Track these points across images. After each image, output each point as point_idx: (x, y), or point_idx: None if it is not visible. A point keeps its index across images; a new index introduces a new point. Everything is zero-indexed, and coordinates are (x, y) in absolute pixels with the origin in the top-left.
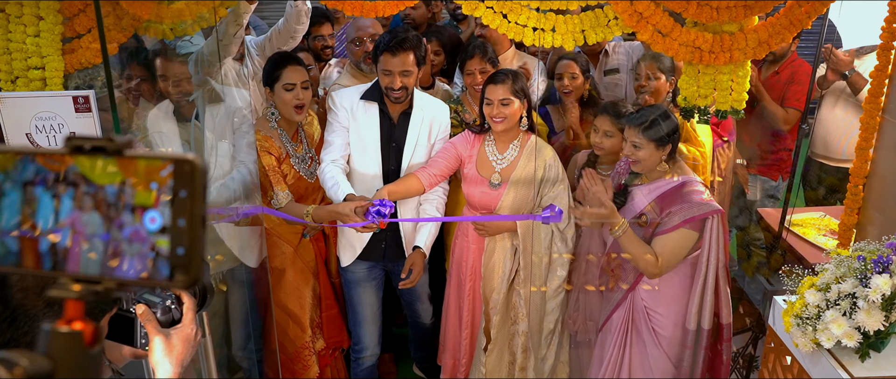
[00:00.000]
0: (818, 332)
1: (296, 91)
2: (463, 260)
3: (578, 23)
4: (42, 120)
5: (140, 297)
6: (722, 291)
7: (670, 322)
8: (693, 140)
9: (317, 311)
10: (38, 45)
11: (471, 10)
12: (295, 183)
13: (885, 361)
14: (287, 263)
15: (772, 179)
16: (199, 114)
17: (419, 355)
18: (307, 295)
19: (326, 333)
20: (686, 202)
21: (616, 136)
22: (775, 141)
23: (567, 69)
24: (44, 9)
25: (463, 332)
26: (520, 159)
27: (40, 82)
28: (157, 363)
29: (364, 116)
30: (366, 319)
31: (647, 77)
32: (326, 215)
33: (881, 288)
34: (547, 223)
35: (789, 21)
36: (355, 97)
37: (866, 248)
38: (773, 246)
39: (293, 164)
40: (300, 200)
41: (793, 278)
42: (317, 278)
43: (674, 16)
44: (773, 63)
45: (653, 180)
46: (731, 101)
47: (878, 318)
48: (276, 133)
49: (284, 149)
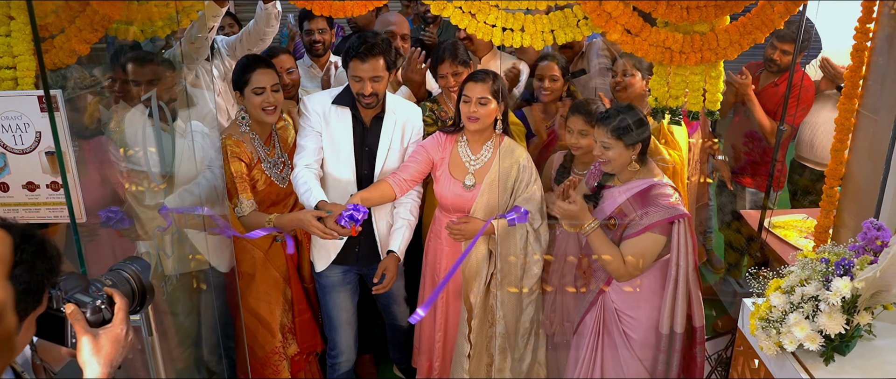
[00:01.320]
0: (782, 335)
1: (266, 94)
2: (437, 262)
3: (547, 23)
4: (8, 119)
5: (71, 296)
6: (693, 294)
7: (642, 325)
8: (670, 142)
9: (288, 315)
10: (9, 45)
11: (439, 10)
12: (267, 189)
13: (848, 365)
14: (257, 267)
15: (761, 191)
16: (175, 116)
17: (398, 356)
18: (278, 300)
19: (300, 338)
20: (653, 205)
21: (590, 135)
22: (766, 153)
23: (547, 71)
24: (15, 9)
25: (437, 334)
26: (493, 160)
27: (12, 82)
28: (84, 363)
29: (336, 121)
30: (341, 323)
31: (624, 73)
32: (289, 222)
33: (841, 291)
34: (513, 225)
35: (761, 21)
36: (327, 101)
37: (831, 250)
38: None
39: (265, 170)
40: (272, 206)
41: (761, 281)
42: (288, 283)
43: (643, 16)
44: (774, 73)
45: (625, 182)
46: (705, 102)
47: (839, 320)
48: (248, 137)
49: (256, 153)
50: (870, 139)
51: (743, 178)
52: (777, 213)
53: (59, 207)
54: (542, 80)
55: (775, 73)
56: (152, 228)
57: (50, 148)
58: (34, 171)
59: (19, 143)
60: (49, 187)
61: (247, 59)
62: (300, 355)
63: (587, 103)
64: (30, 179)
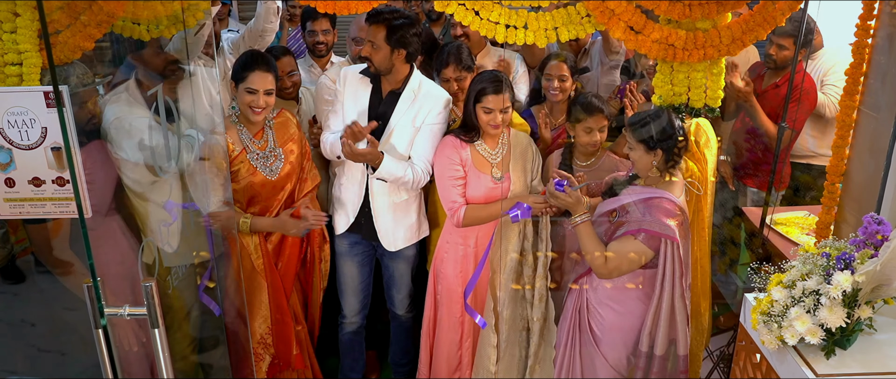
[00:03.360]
0: (783, 329)
1: (256, 96)
2: (449, 286)
3: (550, 20)
4: (14, 115)
5: None
6: (679, 321)
7: (608, 325)
8: (694, 156)
9: (267, 323)
10: (14, 42)
11: (443, 7)
12: (251, 180)
13: (849, 359)
14: (245, 265)
15: (762, 190)
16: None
17: (396, 360)
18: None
19: (276, 347)
20: (650, 214)
21: (592, 129)
22: (766, 153)
23: (556, 70)
24: (20, 6)
25: (465, 342)
26: (510, 151)
27: (17, 78)
28: None
29: (362, 90)
30: (347, 288)
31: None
32: (267, 226)
33: (842, 284)
34: (516, 221)
35: (763, 18)
36: (357, 73)
37: (832, 245)
38: (748, 244)
39: (251, 160)
40: (256, 198)
41: (762, 276)
42: (272, 289)
43: (646, 13)
44: (776, 73)
45: (648, 185)
46: (706, 98)
47: (839, 314)
48: (235, 127)
49: (241, 144)
50: (871, 136)
51: (745, 178)
52: (778, 210)
53: (65, 202)
54: (552, 79)
55: (775, 71)
56: (153, 223)
57: (56, 143)
58: (40, 167)
59: (25, 139)
60: (54, 183)
61: (249, 58)
62: (277, 360)
63: (588, 97)
64: (36, 175)
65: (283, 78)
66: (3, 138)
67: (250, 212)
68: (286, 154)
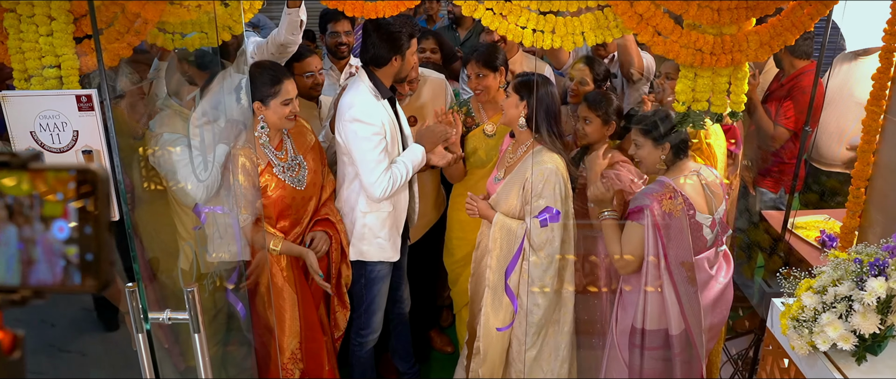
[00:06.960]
0: (814, 334)
1: (293, 103)
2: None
3: (578, 25)
4: (46, 118)
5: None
6: (667, 298)
7: (628, 317)
8: (708, 155)
9: (297, 339)
10: (51, 45)
11: (470, 10)
12: (280, 194)
13: (881, 365)
14: (275, 279)
15: (771, 192)
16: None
17: (398, 360)
18: (292, 317)
19: (307, 365)
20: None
21: (594, 123)
22: (775, 153)
23: (580, 74)
24: (55, 9)
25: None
26: (521, 160)
27: (56, 80)
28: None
29: (385, 113)
30: (379, 308)
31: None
32: (296, 253)
33: (876, 291)
34: (545, 225)
35: (791, 22)
36: (377, 103)
37: (864, 250)
38: (774, 248)
39: (277, 174)
40: (286, 211)
41: (791, 281)
42: (303, 304)
43: (674, 18)
44: (782, 73)
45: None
46: (729, 103)
47: (873, 321)
48: (258, 143)
49: (266, 158)
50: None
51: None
52: (799, 213)
53: None
54: (572, 81)
55: (781, 71)
56: (190, 227)
57: (87, 147)
58: None
59: (57, 143)
60: None
61: (274, 73)
62: (306, 375)
63: (596, 94)
64: None
65: (314, 75)
66: (35, 141)
67: (280, 226)
68: (308, 162)
